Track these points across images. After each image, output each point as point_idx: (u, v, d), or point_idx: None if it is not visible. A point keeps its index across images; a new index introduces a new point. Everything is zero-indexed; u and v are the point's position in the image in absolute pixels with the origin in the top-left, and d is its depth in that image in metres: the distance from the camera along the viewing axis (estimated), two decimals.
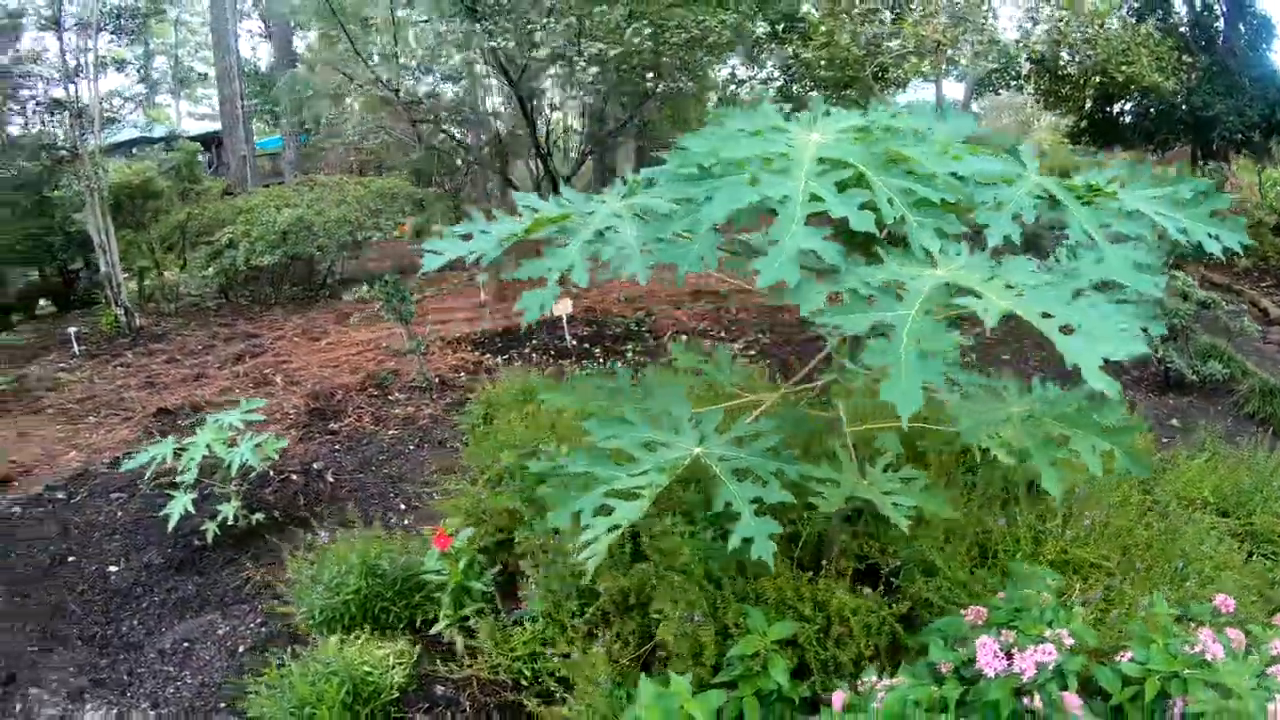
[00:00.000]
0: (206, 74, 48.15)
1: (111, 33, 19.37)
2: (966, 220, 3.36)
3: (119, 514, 8.76)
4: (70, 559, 7.97)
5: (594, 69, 12.33)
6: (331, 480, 9.01)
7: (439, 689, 5.42)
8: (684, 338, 13.67)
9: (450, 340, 13.99)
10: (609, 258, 3.47)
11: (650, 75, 14.72)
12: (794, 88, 21.92)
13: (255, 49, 44.58)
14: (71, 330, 16.16)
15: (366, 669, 5.25)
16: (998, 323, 2.92)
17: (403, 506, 8.38)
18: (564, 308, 13.54)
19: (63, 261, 24.08)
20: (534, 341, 13.81)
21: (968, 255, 3.31)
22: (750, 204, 3.22)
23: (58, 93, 17.74)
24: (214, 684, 5.97)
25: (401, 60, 14.50)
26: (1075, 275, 3.29)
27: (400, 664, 5.43)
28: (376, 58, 15.07)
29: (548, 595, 5.04)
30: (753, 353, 12.67)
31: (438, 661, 5.36)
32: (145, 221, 20.49)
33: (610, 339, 13.79)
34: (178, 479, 7.80)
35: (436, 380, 11.87)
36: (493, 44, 11.76)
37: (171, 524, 7.47)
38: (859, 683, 3.78)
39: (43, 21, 17.40)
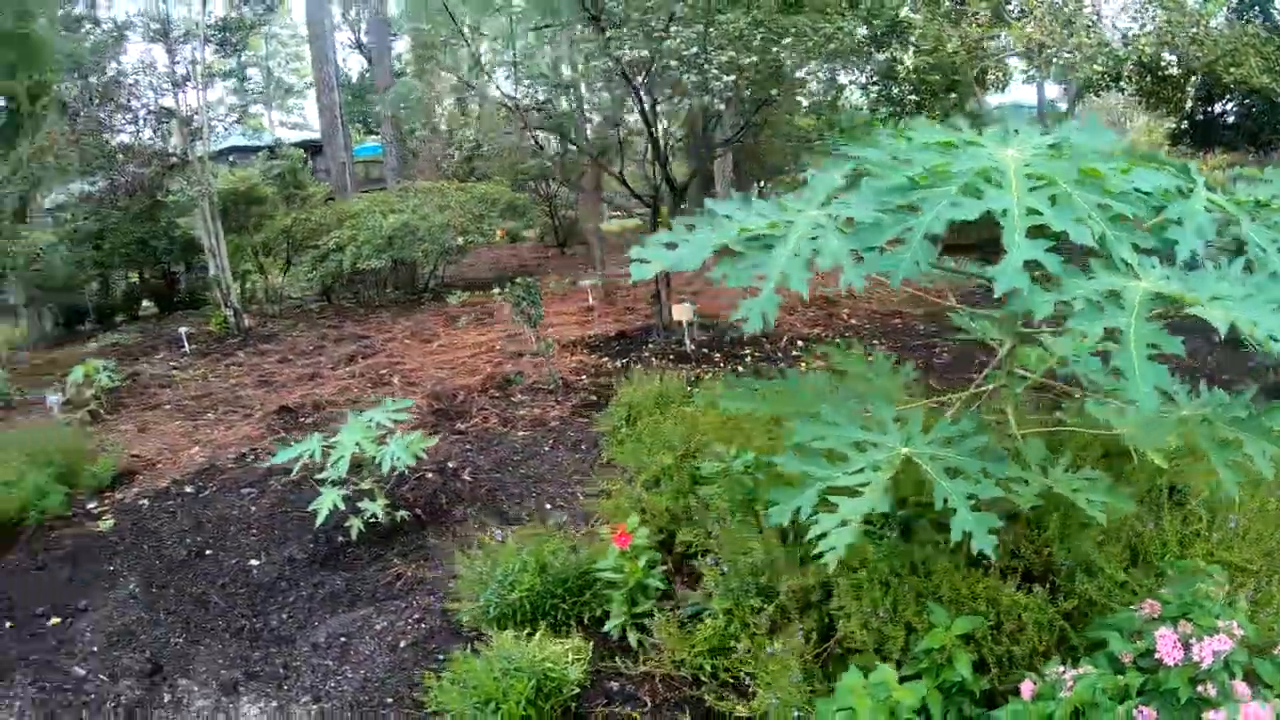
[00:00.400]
0: (296, 85, 48.90)
1: (218, 45, 19.58)
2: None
3: (252, 509, 8.65)
4: (208, 552, 7.87)
5: (729, 76, 12.09)
6: (469, 479, 8.81)
7: (613, 685, 5.24)
8: (799, 343, 13.43)
9: (566, 344, 13.81)
10: (824, 266, 3.54)
11: (769, 83, 14.46)
12: (894, 92, 21.59)
13: (345, 60, 45.20)
14: (182, 330, 16.35)
15: (548, 665, 5.03)
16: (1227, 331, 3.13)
17: (548, 506, 8.14)
18: (685, 313, 13.31)
19: (166, 264, 24.53)
20: (650, 345, 13.57)
21: (1161, 268, 3.45)
22: (967, 216, 3.32)
23: (167, 101, 17.98)
24: (377, 679, 5.75)
25: (520, 67, 14.34)
26: (1266, 288, 3.40)
27: (578, 660, 5.23)
28: (490, 66, 14.94)
29: (729, 592, 4.96)
30: (871, 359, 12.32)
31: (614, 658, 5.26)
32: (250, 226, 20.69)
33: (728, 344, 13.52)
34: (320, 475, 7.67)
35: (560, 383, 11.66)
36: (620, 52, 11.55)
37: (320, 520, 7.31)
38: (1046, 674, 3.82)
39: (152, 34, 17.62)
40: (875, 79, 21.95)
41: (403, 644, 6.13)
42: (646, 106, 13.39)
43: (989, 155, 3.55)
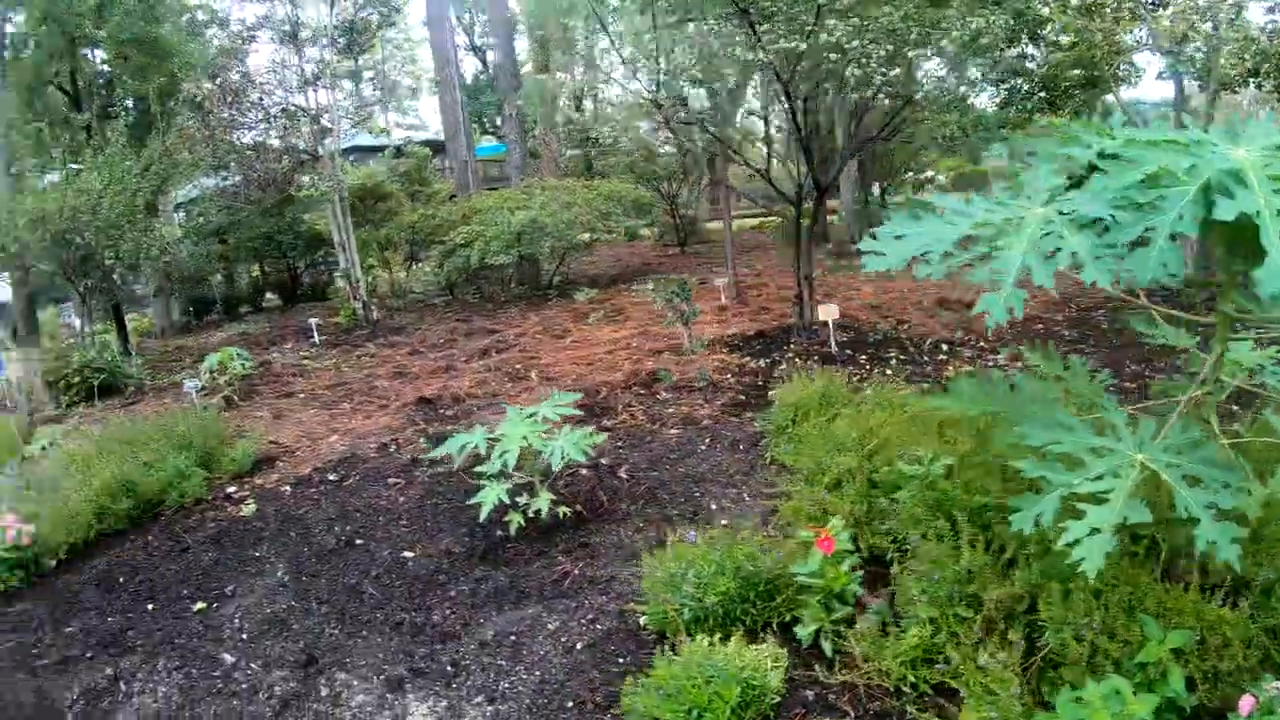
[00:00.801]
0: (411, 86, 49.32)
1: (345, 45, 19.58)
2: None
3: (400, 499, 8.28)
4: (358, 542, 7.51)
5: (894, 70, 11.50)
6: (625, 476, 8.31)
7: (809, 694, 4.77)
8: (945, 346, 12.76)
9: (705, 342, 13.28)
10: (1062, 263, 3.44)
11: (909, 79, 13.86)
12: (1023, 89, 20.67)
13: (460, 61, 45.46)
14: (311, 321, 16.24)
15: (749, 672, 4.57)
16: None
17: (713, 506, 7.58)
18: (830, 313, 12.69)
19: (290, 258, 24.81)
20: (793, 346, 12.97)
21: None
22: (1224, 216, 3.19)
23: (297, 100, 17.99)
24: (555, 681, 5.25)
25: (662, 65, 13.90)
26: None
27: (775, 667, 4.78)
28: (632, 61, 14.51)
29: (933, 601, 4.75)
30: (1019, 365, 11.63)
31: (809, 666, 4.96)
32: (376, 221, 20.62)
33: (870, 345, 12.87)
34: (479, 469, 7.28)
35: (710, 381, 11.15)
36: (773, 46, 11.02)
37: (484, 514, 6.87)
38: (1260, 690, 3.76)
39: (281, 35, 17.67)
40: (1005, 76, 21.06)
41: (579, 645, 5.63)
42: (794, 103, 12.82)
43: (1223, 155, 3.41)
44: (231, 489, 8.94)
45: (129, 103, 23.22)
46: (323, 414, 11.27)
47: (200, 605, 6.69)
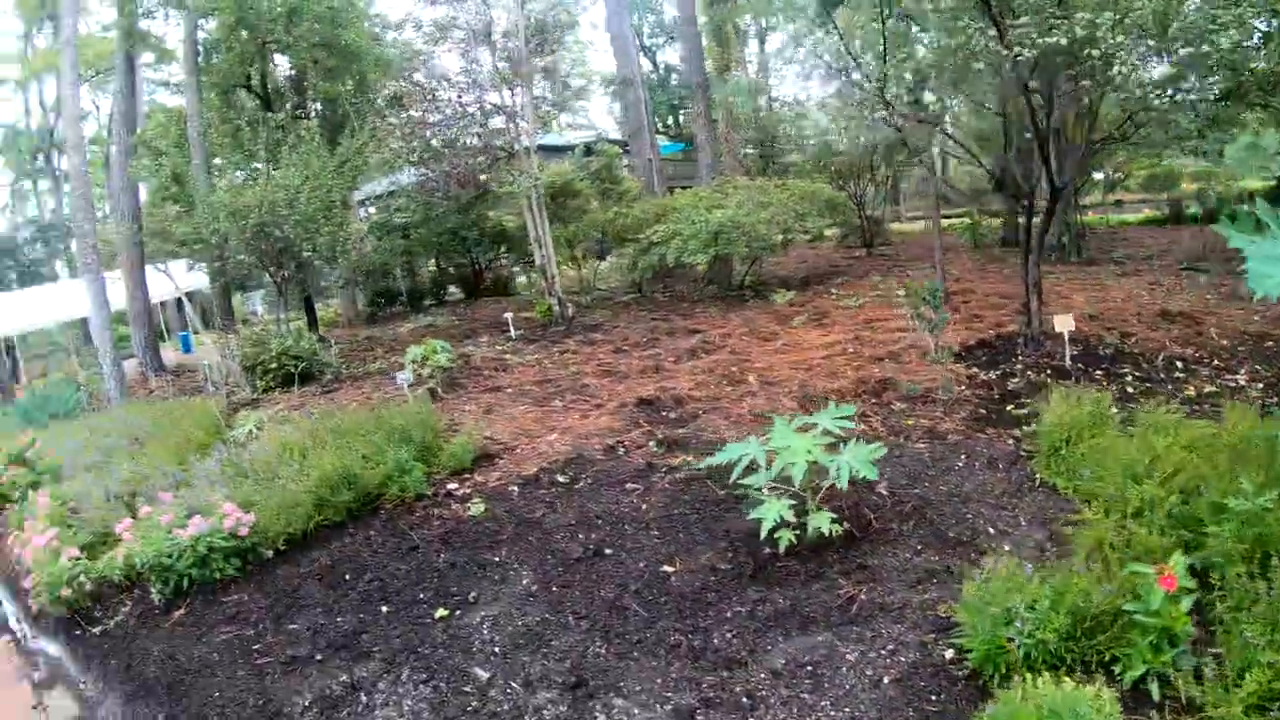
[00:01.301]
0: (583, 87, 49.40)
1: (537, 45, 19.22)
2: None
3: (642, 506, 7.57)
4: (607, 551, 6.83)
5: (1161, 68, 10.42)
6: (885, 493, 7.41)
7: None
8: (1178, 363, 11.50)
9: (925, 351, 12.27)
10: None
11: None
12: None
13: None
14: (507, 315, 15.81)
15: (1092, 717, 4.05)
16: None
17: (990, 530, 6.65)
18: (1066, 324, 11.54)
19: (474, 254, 24.72)
20: (1020, 357, 11.85)
21: None
22: None
23: (492, 98, 17.69)
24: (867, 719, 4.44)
25: (889, 64, 12.98)
26: None
27: (1111, 715, 4.13)
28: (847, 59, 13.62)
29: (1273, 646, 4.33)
30: (1260, 385, 10.32)
31: (1139, 710, 4.42)
32: (564, 219, 20.17)
33: (1103, 361, 11.67)
34: (748, 480, 6.64)
35: (953, 393, 10.17)
36: (1025, 41, 10.01)
37: (764, 531, 6.17)
38: None
39: (475, 34, 17.43)
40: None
41: (885, 680, 4.87)
42: (1033, 100, 11.75)
43: None
44: (452, 485, 8.39)
45: (319, 104, 23.48)
46: (535, 411, 10.68)
47: (442, 612, 6.10)
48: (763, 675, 5.02)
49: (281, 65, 23.52)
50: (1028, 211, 12.82)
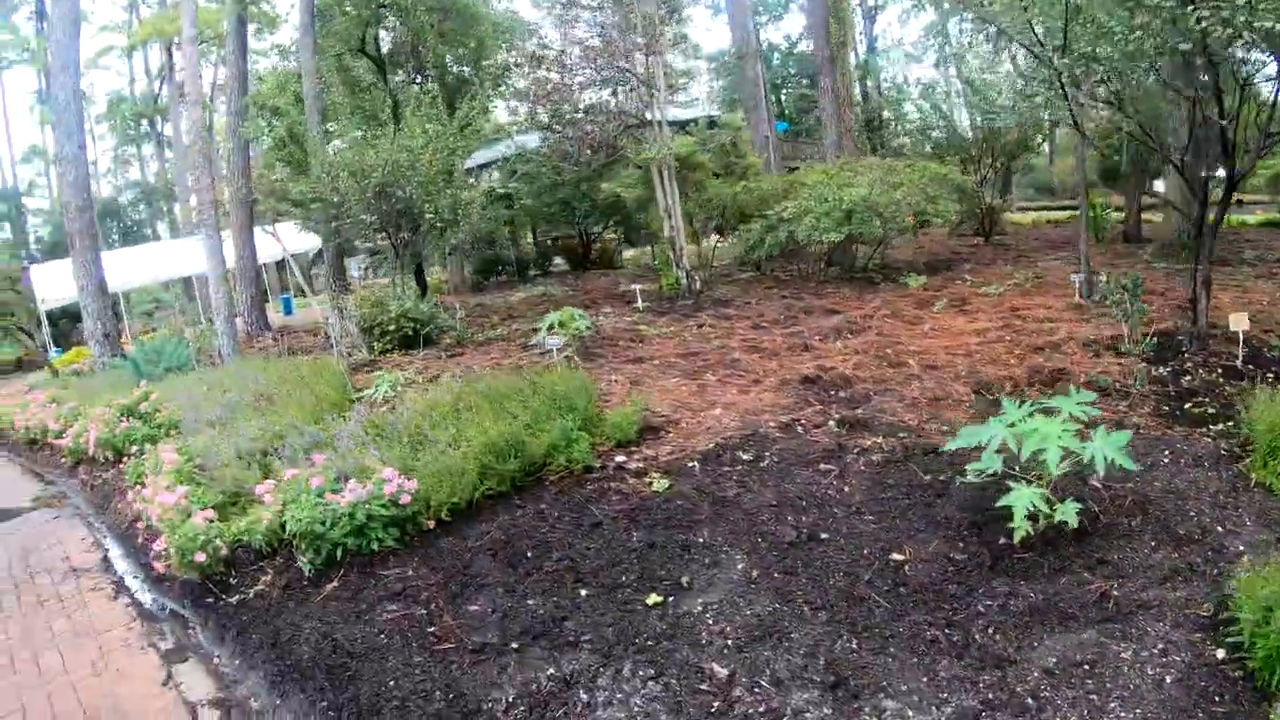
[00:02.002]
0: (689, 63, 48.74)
1: (667, 12, 18.43)
2: None
3: (844, 488, 6.78)
4: (823, 535, 6.03)
5: None
6: (1099, 485, 6.52)
7: None
8: None
9: (1083, 342, 11.25)
10: None
11: None
12: None
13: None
14: (635, 287, 15.04)
15: None
16: None
17: (1219, 529, 5.87)
18: (1242, 322, 10.50)
19: (583, 225, 24.13)
20: (1187, 356, 10.80)
21: None
22: None
23: (624, 63, 16.93)
24: None
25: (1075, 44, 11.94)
26: None
27: None
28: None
29: None
30: None
31: None
32: (687, 192, 19.32)
33: (1272, 362, 10.59)
34: (976, 465, 5.84)
35: (1136, 386, 9.20)
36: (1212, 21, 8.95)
37: (1016, 523, 5.40)
38: None
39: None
40: None
41: (1168, 680, 4.25)
42: (1221, 85, 10.68)
43: None
44: (620, 458, 7.61)
45: (435, 68, 22.99)
46: (688, 384, 9.89)
47: (655, 598, 5.33)
48: (1037, 674, 4.36)
49: (397, 30, 23.10)
50: (1201, 204, 11.77)
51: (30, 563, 8.80)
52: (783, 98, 49.57)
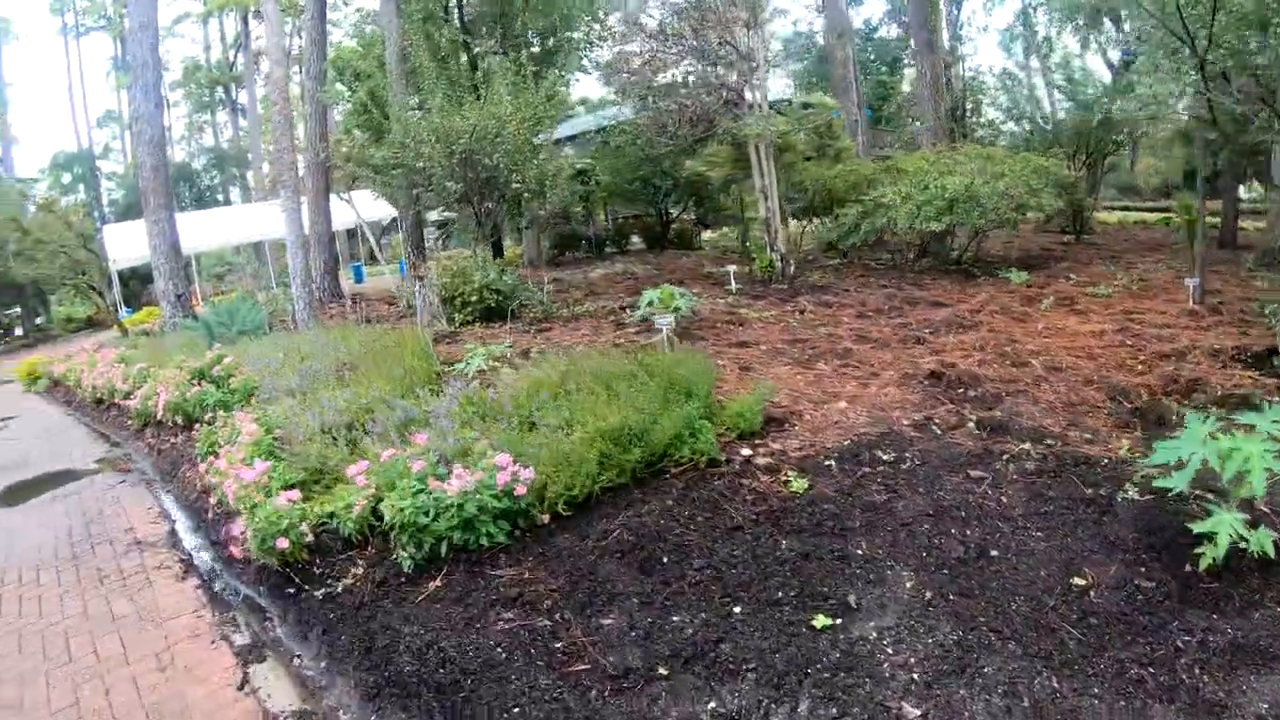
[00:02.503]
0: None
1: None
2: None
3: (1001, 499, 6.01)
4: (993, 553, 5.27)
5: None
6: (1266, 510, 5.69)
7: None
8: None
9: (1208, 352, 10.33)
10: None
11: None
12: None
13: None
14: (729, 268, 14.29)
15: None
16: None
17: None
18: None
19: (663, 205, 23.51)
20: None
21: None
22: None
23: (723, 34, 16.17)
24: None
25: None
26: None
27: None
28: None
29: None
30: None
31: None
32: (777, 174, 18.55)
33: None
34: (1165, 483, 5.17)
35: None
36: None
37: (1214, 549, 4.73)
38: None
39: None
40: None
41: None
42: None
43: None
44: (745, 451, 6.89)
45: (523, 37, 22.39)
46: (802, 373, 9.17)
47: (822, 620, 4.60)
48: None
49: None
50: None
51: (91, 531, 8.29)
52: (860, 84, 48.56)
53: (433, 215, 23.71)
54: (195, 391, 11.10)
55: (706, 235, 26.21)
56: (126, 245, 27.93)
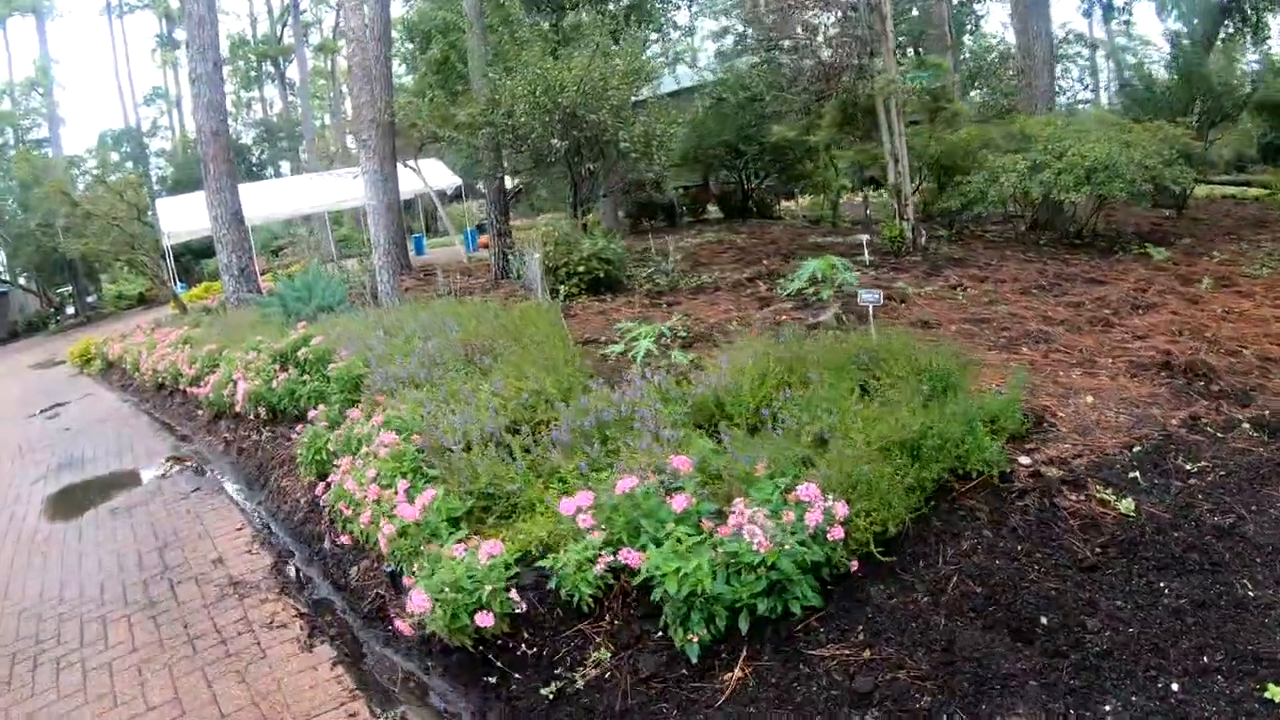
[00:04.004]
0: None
1: None
2: None
3: None
4: None
5: None
6: None
7: None
8: None
9: None
10: None
11: None
12: None
13: None
14: (863, 238, 13.22)
15: None
16: None
17: None
18: None
19: (746, 172, 22.45)
20: None
21: None
22: None
23: None
24: None
25: None
26: None
27: None
28: None
29: None
30: None
31: None
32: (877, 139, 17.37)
33: None
34: None
35: None
36: None
37: None
38: None
39: None
40: None
41: None
42: None
43: None
44: (1024, 460, 5.68)
45: None
46: (1014, 360, 7.94)
47: (1274, 690, 3.47)
48: None
49: None
50: None
51: (167, 560, 6.86)
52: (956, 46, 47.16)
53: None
54: (283, 379, 9.88)
55: (787, 205, 25.06)
56: (180, 219, 27.03)
